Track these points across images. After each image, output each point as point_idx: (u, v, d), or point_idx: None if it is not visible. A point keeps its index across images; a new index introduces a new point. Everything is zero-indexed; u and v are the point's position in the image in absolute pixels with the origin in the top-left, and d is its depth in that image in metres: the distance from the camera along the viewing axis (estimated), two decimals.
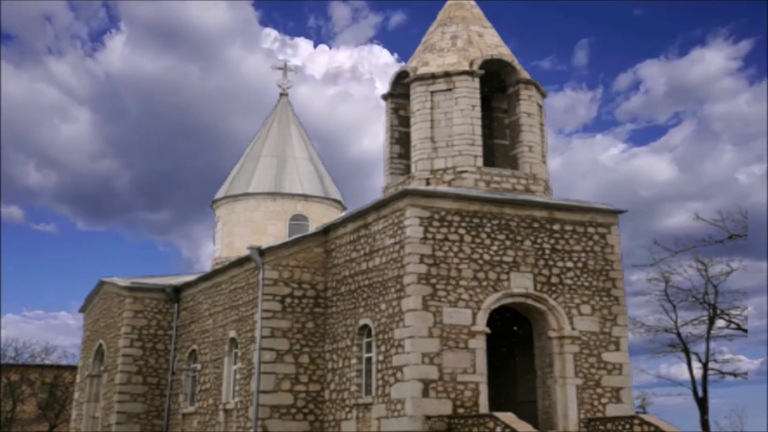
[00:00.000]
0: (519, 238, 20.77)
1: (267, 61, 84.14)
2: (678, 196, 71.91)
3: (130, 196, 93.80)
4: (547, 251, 21.00)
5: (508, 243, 20.61)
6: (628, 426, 18.35)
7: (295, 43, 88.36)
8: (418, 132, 22.11)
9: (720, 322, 37.02)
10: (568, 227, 21.44)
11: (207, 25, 79.95)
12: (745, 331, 36.82)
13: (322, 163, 34.45)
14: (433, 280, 19.55)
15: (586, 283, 21.23)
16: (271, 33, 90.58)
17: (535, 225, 21.06)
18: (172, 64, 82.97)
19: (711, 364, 36.90)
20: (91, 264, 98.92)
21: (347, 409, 21.32)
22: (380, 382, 20.00)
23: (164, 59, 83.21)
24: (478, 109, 22.03)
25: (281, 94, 35.92)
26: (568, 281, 21.03)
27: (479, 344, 19.62)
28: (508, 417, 17.37)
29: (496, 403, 19.99)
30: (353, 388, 21.20)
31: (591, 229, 21.71)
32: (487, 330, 19.85)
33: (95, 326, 33.32)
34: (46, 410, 50.83)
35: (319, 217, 31.59)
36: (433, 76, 22.31)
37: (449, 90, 22.12)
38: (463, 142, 21.66)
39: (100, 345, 31.99)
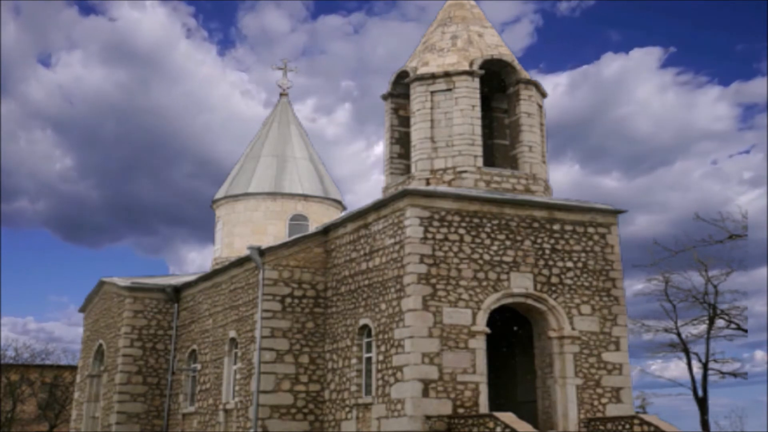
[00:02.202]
0: (519, 238, 20.77)
1: (222, 74, 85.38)
2: (622, 204, 71.13)
3: (112, 221, 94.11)
4: (547, 251, 21.00)
5: (508, 243, 20.61)
6: (628, 426, 18.35)
7: (240, 55, 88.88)
8: (418, 132, 22.11)
9: (720, 322, 37.01)
10: (568, 227, 21.44)
11: (156, 39, 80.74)
12: (745, 331, 36.81)
13: (322, 163, 34.47)
14: (433, 280, 19.55)
15: (586, 283, 21.23)
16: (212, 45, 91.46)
17: (535, 225, 21.06)
18: (127, 80, 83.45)
19: (711, 364, 36.92)
20: (75, 278, 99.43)
21: (347, 409, 21.32)
22: (380, 382, 20.00)
23: (117, 76, 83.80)
24: (478, 109, 22.03)
25: (281, 94, 35.92)
26: (568, 281, 21.03)
27: (479, 344, 19.62)
28: (508, 417, 17.37)
29: (496, 403, 19.99)
30: (353, 388, 21.20)
31: (591, 229, 21.71)
32: (487, 330, 19.85)
33: (95, 326, 33.32)
34: (46, 410, 50.81)
35: (319, 217, 31.59)
36: (433, 76, 22.31)
37: (449, 90, 22.12)
38: (463, 142, 21.66)
39: (100, 345, 31.99)
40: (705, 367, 36.69)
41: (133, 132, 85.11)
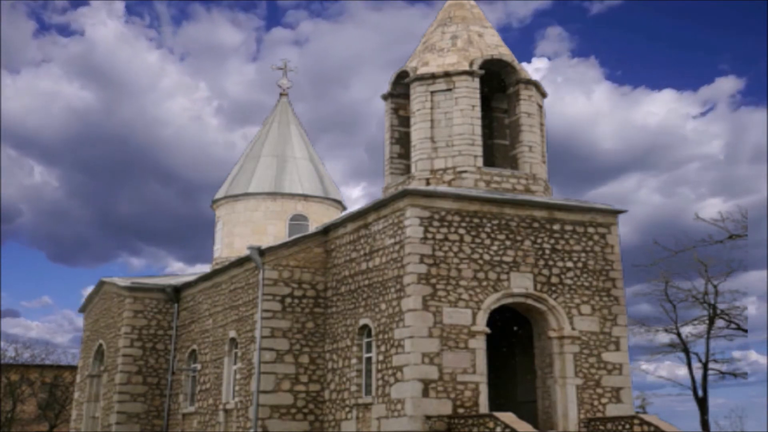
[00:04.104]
0: (519, 238, 20.78)
1: (178, 85, 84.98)
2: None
3: (101, 241, 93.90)
4: (547, 251, 21.00)
5: (508, 243, 20.61)
6: (628, 426, 18.36)
7: (200, 63, 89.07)
8: (418, 132, 22.11)
9: (720, 322, 37.02)
10: (568, 227, 21.45)
11: (116, 52, 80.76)
12: (745, 331, 36.82)
13: (321, 163, 34.46)
14: (433, 280, 19.55)
15: (586, 283, 21.23)
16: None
17: (535, 225, 21.06)
18: (91, 95, 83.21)
19: (711, 364, 36.92)
20: (63, 292, 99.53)
21: (347, 409, 21.32)
22: (380, 382, 20.00)
23: (83, 93, 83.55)
24: (478, 109, 22.04)
25: (281, 95, 35.89)
26: (568, 281, 21.03)
27: (479, 344, 19.62)
28: (508, 417, 17.37)
29: (496, 403, 19.99)
30: (353, 388, 21.20)
31: (591, 229, 21.71)
32: (487, 330, 19.85)
33: (95, 326, 33.32)
34: (46, 410, 50.81)
35: (319, 217, 31.58)
36: (433, 76, 22.31)
37: (449, 90, 22.13)
38: (463, 142, 21.67)
39: (100, 345, 31.99)
40: (705, 367, 36.71)
41: (108, 149, 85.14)
